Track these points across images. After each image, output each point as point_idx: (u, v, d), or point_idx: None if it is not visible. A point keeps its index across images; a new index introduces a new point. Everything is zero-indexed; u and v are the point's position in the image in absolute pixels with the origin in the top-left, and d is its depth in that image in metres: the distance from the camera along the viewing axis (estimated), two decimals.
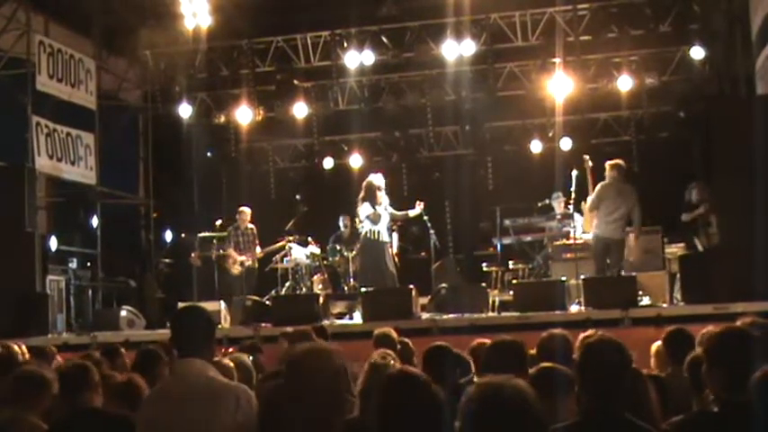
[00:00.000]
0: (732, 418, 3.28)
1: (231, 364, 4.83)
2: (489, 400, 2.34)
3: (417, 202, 11.92)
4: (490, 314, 10.91)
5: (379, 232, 11.52)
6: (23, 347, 6.69)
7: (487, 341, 5.91)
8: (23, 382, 4.59)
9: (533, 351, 4.95)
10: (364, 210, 11.48)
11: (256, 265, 13.11)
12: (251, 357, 5.93)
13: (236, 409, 3.35)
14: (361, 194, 11.56)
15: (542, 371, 3.95)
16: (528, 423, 2.32)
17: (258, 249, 13.07)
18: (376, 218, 11.41)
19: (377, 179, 11.64)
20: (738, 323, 5.24)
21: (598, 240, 11.15)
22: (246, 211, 13.19)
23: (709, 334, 3.70)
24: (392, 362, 4.45)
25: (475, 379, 4.73)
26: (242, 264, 12.91)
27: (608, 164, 11.24)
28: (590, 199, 11.25)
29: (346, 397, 2.96)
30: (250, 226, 13.13)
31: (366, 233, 11.57)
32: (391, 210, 11.72)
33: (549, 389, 3.77)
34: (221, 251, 13.15)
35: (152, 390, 3.90)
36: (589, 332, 4.09)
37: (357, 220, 11.99)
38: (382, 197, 11.57)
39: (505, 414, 2.31)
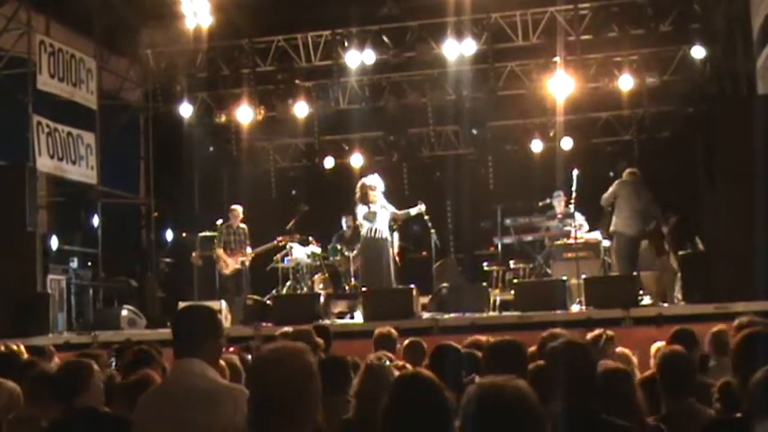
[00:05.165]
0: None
1: (223, 364, 4.78)
2: (490, 401, 2.33)
3: (418, 202, 11.91)
4: (491, 314, 10.93)
5: (377, 230, 11.50)
6: (22, 347, 6.68)
7: (483, 338, 5.93)
8: (39, 382, 4.55)
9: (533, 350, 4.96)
10: (360, 211, 11.49)
11: (247, 264, 12.93)
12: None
13: (234, 411, 3.25)
14: (356, 196, 11.56)
15: (540, 369, 3.96)
16: (528, 424, 2.32)
17: (249, 249, 12.92)
18: (372, 216, 11.37)
19: (369, 179, 11.62)
20: (735, 323, 5.28)
21: (626, 238, 11.01)
22: (238, 209, 12.97)
23: (733, 342, 3.65)
24: (387, 362, 4.43)
25: (477, 379, 4.73)
26: (235, 261, 12.76)
27: (625, 172, 11.45)
28: (604, 196, 11.20)
29: (311, 409, 2.74)
30: (242, 225, 12.97)
31: (366, 233, 11.55)
32: (392, 208, 11.70)
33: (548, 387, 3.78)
34: (211, 251, 13.07)
35: (149, 390, 3.84)
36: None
37: (357, 222, 11.98)
38: (377, 196, 11.50)
39: (506, 415, 2.31)
